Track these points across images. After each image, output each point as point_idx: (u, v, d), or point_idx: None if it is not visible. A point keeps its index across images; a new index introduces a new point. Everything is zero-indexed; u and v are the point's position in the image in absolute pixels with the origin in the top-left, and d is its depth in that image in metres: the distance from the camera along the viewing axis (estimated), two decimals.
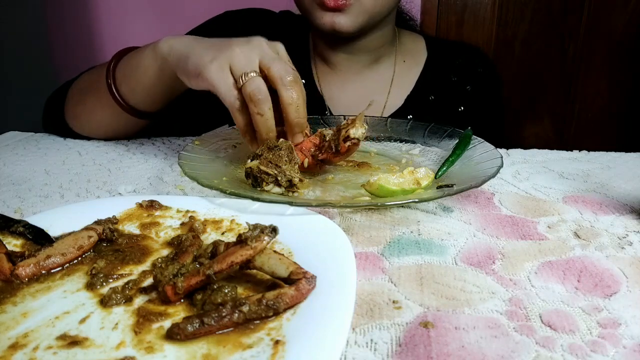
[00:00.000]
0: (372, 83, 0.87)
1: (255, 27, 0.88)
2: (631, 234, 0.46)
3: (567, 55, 1.71)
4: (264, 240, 0.34)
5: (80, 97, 0.75)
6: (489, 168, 0.53)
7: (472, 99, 0.88)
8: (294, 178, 0.50)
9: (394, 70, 0.88)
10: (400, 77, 0.88)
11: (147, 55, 0.65)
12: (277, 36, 0.89)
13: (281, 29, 0.88)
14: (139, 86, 0.68)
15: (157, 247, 0.41)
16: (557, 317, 0.33)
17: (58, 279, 0.36)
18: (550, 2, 1.66)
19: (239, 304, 0.30)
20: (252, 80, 0.52)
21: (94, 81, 0.73)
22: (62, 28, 1.72)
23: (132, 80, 0.68)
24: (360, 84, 0.87)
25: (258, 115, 0.53)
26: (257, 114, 0.53)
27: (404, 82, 0.87)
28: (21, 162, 0.68)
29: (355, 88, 0.87)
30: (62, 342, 0.30)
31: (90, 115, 0.75)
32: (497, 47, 1.72)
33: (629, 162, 0.67)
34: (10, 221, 0.42)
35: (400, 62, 0.89)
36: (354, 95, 0.86)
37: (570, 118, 1.79)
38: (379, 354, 0.30)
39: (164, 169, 0.64)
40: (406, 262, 0.41)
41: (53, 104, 0.79)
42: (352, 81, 0.87)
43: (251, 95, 0.52)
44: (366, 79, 0.87)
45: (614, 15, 1.65)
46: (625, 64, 1.69)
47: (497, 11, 1.69)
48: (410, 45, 0.91)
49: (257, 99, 0.52)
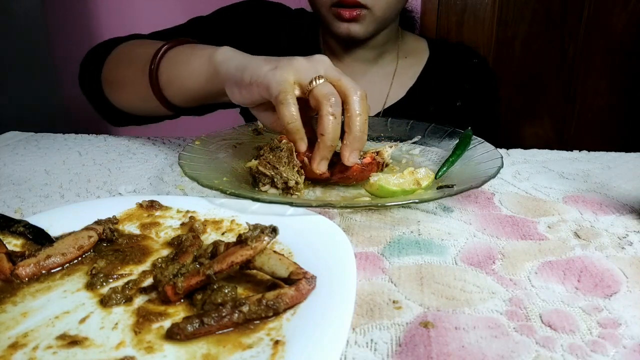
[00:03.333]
0: (376, 76, 0.94)
1: (276, 21, 0.95)
2: (631, 234, 0.46)
3: (567, 55, 1.71)
4: (264, 241, 0.34)
5: (120, 67, 0.75)
6: (489, 168, 0.53)
7: (470, 96, 0.95)
8: (290, 180, 0.50)
9: (397, 64, 0.95)
10: (402, 71, 0.95)
11: (199, 58, 0.63)
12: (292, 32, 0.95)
13: (296, 25, 0.96)
14: (180, 83, 0.66)
15: (157, 247, 0.41)
16: (557, 317, 0.33)
17: (58, 279, 0.36)
18: (550, 2, 1.66)
19: (239, 304, 0.30)
20: (325, 84, 0.51)
21: (139, 57, 0.71)
22: (63, 24, 1.73)
23: (174, 75, 0.67)
24: (365, 77, 0.94)
25: (332, 116, 0.50)
26: (330, 115, 0.50)
27: (406, 76, 0.94)
28: (21, 162, 0.68)
29: (361, 79, 0.93)
30: (62, 341, 0.30)
31: (124, 87, 0.75)
32: (497, 47, 1.72)
33: (629, 162, 0.67)
34: (11, 221, 0.42)
35: (402, 57, 0.96)
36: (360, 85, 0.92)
37: (570, 118, 1.79)
38: (379, 354, 0.30)
39: (164, 169, 0.64)
40: (406, 262, 0.41)
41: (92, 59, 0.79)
42: (358, 73, 0.94)
43: (327, 95, 0.50)
44: (370, 73, 0.94)
45: (614, 15, 1.65)
46: (625, 64, 1.69)
47: (497, 11, 1.69)
48: (412, 44, 0.98)
49: (332, 100, 0.50)
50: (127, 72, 0.73)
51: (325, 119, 0.50)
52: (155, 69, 0.67)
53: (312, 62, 0.53)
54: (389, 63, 0.95)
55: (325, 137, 0.50)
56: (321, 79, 0.51)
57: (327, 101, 0.50)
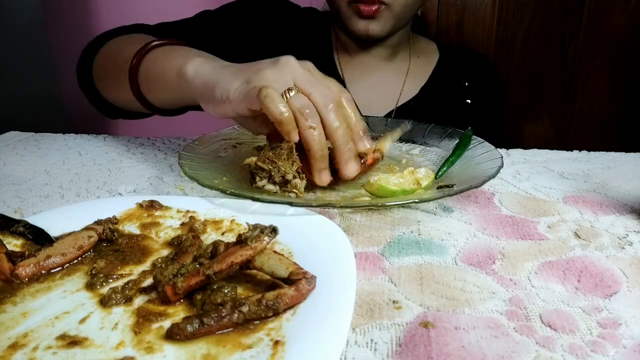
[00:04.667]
0: (389, 73, 0.95)
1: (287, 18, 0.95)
2: (631, 234, 0.46)
3: (567, 55, 1.71)
4: (263, 241, 0.34)
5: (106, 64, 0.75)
6: (489, 168, 0.53)
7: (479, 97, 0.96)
8: (287, 174, 0.49)
9: (410, 63, 0.97)
10: (415, 70, 0.96)
11: (170, 72, 0.61)
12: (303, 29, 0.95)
13: (307, 23, 0.97)
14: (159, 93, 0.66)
15: (157, 247, 0.41)
16: (557, 317, 0.33)
17: (58, 279, 0.36)
18: (550, 2, 1.66)
19: (238, 304, 0.30)
20: (297, 96, 0.49)
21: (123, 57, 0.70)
22: (62, 20, 1.72)
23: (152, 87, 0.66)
24: (379, 74, 0.95)
25: (310, 129, 0.49)
26: (308, 129, 0.49)
27: (419, 74, 0.96)
28: (21, 162, 0.68)
29: (374, 77, 0.95)
30: (61, 342, 0.29)
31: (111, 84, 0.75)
32: (497, 47, 1.72)
33: (629, 162, 0.67)
34: (10, 221, 0.42)
35: (415, 57, 0.97)
36: (374, 84, 0.95)
37: (570, 118, 1.78)
38: (379, 354, 0.30)
39: (164, 169, 0.64)
40: (406, 262, 0.41)
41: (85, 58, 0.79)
42: (371, 71, 0.95)
43: (300, 109, 0.49)
44: (384, 70, 0.95)
45: (614, 15, 1.65)
46: (625, 64, 1.69)
47: (497, 11, 1.69)
48: (424, 45, 1.00)
49: (307, 112, 0.49)
50: (112, 71, 0.73)
51: (305, 133, 0.49)
52: (135, 77, 0.66)
53: (280, 70, 0.52)
54: (402, 61, 0.96)
55: (312, 151, 0.50)
56: (292, 91, 0.50)
57: (302, 115, 0.49)
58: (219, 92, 0.52)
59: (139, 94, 0.67)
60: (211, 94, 0.54)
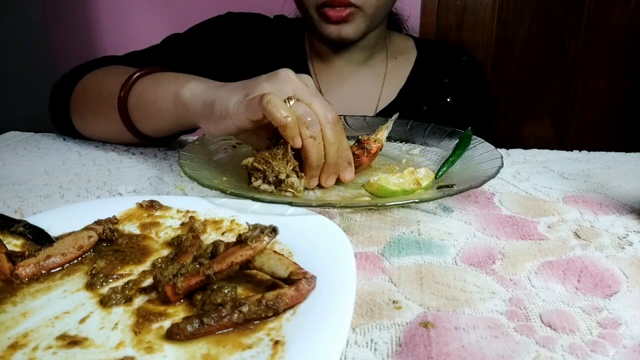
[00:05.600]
0: (366, 78, 0.92)
1: (255, 32, 0.93)
2: (631, 234, 0.46)
3: (567, 55, 1.71)
4: (263, 241, 0.34)
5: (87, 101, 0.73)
6: (489, 168, 0.53)
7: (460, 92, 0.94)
8: (281, 174, 0.49)
9: (387, 66, 0.94)
10: (392, 72, 0.93)
11: (165, 98, 0.61)
12: (274, 40, 0.92)
13: (277, 33, 0.94)
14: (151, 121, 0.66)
15: (157, 247, 0.41)
16: (557, 317, 0.33)
17: (58, 279, 0.36)
18: (550, 2, 1.66)
19: (238, 304, 0.30)
20: (298, 104, 0.49)
21: (103, 92, 0.70)
22: (62, 21, 1.72)
23: (142, 113, 0.66)
24: (356, 79, 0.92)
25: (310, 138, 0.49)
26: (309, 138, 0.49)
27: (396, 77, 0.93)
28: (21, 162, 0.68)
29: (351, 83, 0.92)
30: (61, 342, 0.29)
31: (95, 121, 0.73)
32: (497, 47, 1.72)
33: (629, 162, 0.67)
34: (10, 221, 0.42)
35: (392, 58, 0.94)
36: (350, 90, 0.92)
37: (570, 118, 1.79)
38: (379, 354, 0.30)
39: (164, 169, 0.64)
40: (406, 262, 0.41)
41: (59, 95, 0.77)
42: (348, 77, 0.92)
43: (302, 116, 0.49)
44: (361, 74, 0.92)
45: (614, 15, 1.65)
46: (625, 64, 1.69)
47: (497, 11, 1.69)
48: (400, 44, 0.97)
49: (309, 120, 0.49)
50: (96, 106, 0.71)
51: (306, 142, 0.49)
52: (124, 108, 0.66)
53: (280, 82, 0.52)
54: (379, 64, 0.93)
55: (309, 160, 0.51)
56: (293, 100, 0.50)
57: (304, 124, 0.49)
58: (218, 109, 0.53)
59: (130, 125, 0.67)
60: (210, 111, 0.54)
